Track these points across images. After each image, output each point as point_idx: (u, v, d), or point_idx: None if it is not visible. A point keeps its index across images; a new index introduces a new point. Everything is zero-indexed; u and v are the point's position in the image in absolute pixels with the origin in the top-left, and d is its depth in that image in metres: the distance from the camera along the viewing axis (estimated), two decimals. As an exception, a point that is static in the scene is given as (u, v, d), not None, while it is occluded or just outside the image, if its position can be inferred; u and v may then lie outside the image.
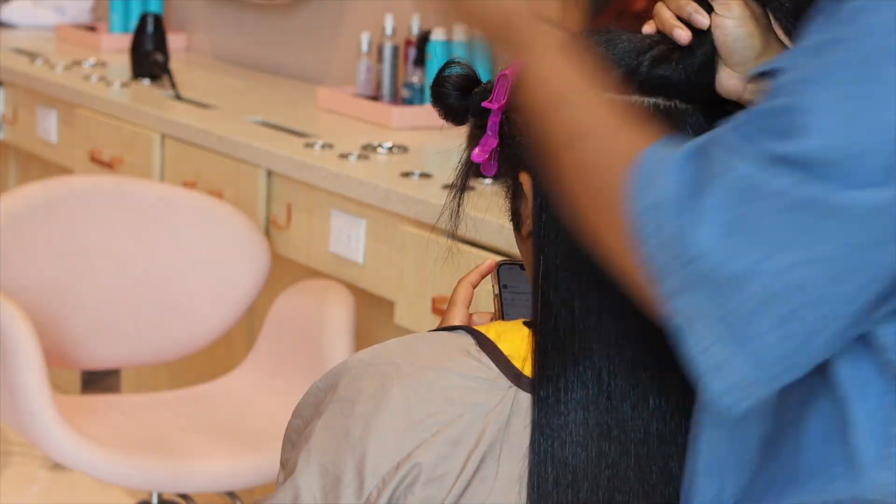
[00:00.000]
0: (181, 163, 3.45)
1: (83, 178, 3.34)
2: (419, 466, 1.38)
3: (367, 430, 1.39)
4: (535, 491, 1.38)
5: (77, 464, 2.70)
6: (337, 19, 4.03)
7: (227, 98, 3.81)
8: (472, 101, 1.50)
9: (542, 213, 1.42)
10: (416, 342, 1.47)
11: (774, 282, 1.12)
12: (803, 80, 1.14)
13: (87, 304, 3.08)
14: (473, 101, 1.50)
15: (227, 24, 4.49)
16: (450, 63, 1.52)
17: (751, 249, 1.13)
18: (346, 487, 1.39)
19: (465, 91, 1.51)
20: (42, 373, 2.69)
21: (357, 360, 1.46)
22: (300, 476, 1.42)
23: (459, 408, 1.40)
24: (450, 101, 1.51)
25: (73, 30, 4.78)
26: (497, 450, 1.40)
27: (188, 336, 3.14)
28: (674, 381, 1.39)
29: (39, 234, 3.05)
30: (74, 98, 3.88)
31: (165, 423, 2.94)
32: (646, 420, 1.39)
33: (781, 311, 1.13)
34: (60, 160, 4.00)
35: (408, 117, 3.41)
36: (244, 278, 3.09)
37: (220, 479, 2.78)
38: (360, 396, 1.42)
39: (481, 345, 1.43)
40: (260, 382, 3.06)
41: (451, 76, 1.51)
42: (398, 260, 2.74)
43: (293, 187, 3.08)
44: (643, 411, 1.39)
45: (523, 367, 1.42)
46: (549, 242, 1.41)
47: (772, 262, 1.12)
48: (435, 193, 2.69)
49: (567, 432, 1.39)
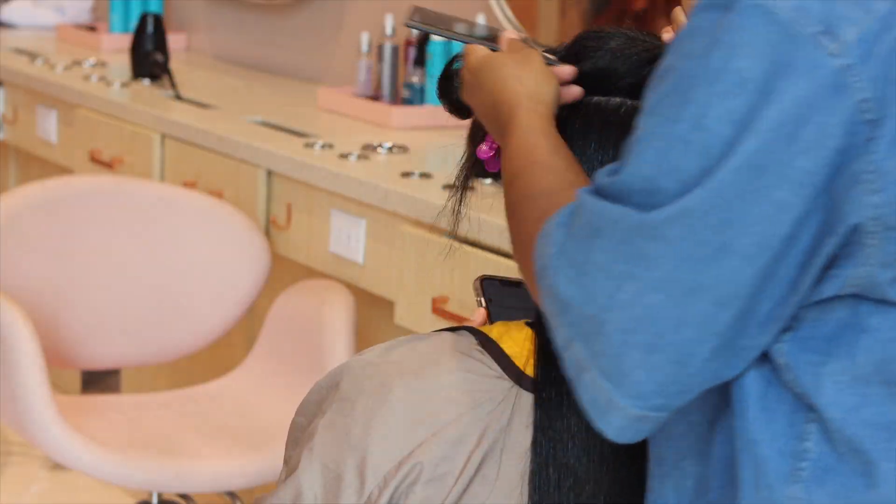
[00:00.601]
0: (181, 163, 3.45)
1: (83, 178, 3.34)
2: (420, 466, 1.38)
3: (369, 430, 1.40)
4: (537, 492, 1.38)
5: (77, 464, 2.70)
6: (337, 19, 4.03)
7: (227, 98, 3.80)
8: None
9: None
10: (418, 342, 1.47)
11: (627, 314, 1.16)
12: (642, 112, 1.20)
13: (87, 304, 3.08)
14: None
15: (227, 24, 4.49)
16: (457, 57, 1.52)
17: (600, 287, 1.17)
18: (348, 486, 1.39)
19: None
20: (42, 373, 2.69)
21: (359, 360, 1.46)
22: (302, 474, 1.42)
23: (461, 407, 1.40)
24: (456, 95, 1.51)
25: (73, 30, 4.78)
26: (498, 450, 1.39)
27: (188, 336, 3.14)
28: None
29: (39, 234, 3.05)
30: (74, 98, 3.88)
31: (165, 423, 2.94)
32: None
33: (643, 341, 1.16)
34: (60, 160, 4.00)
35: (408, 117, 3.41)
36: (244, 278, 3.09)
37: (221, 479, 2.78)
38: (362, 396, 1.42)
39: (483, 344, 1.43)
40: (260, 382, 3.05)
41: (459, 70, 1.51)
42: (398, 260, 2.74)
43: (293, 187, 3.08)
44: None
45: (525, 367, 1.42)
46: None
47: (619, 296, 1.16)
48: (435, 193, 2.69)
49: (570, 434, 1.39)
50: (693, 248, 1.14)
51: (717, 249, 1.14)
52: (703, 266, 1.14)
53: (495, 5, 3.45)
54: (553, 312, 1.21)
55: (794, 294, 1.17)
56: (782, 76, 1.13)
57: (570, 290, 1.19)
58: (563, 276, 1.19)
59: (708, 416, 1.26)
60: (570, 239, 1.20)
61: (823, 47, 1.13)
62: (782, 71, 1.13)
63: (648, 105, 1.19)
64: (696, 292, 1.15)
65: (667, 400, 1.18)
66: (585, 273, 1.18)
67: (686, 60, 1.17)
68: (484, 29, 1.54)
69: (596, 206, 1.19)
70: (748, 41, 1.14)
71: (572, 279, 1.19)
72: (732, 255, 1.14)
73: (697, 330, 1.15)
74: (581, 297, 1.18)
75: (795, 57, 1.13)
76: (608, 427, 1.19)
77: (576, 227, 1.20)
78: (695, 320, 1.15)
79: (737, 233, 1.14)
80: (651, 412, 1.18)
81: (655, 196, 1.16)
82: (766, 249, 1.14)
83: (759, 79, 1.13)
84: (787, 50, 1.13)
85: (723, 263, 1.14)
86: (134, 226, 3.11)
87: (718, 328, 1.16)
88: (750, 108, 1.13)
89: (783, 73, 1.13)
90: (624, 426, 1.19)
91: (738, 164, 1.13)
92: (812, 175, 1.13)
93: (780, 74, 1.13)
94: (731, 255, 1.14)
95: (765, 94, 1.13)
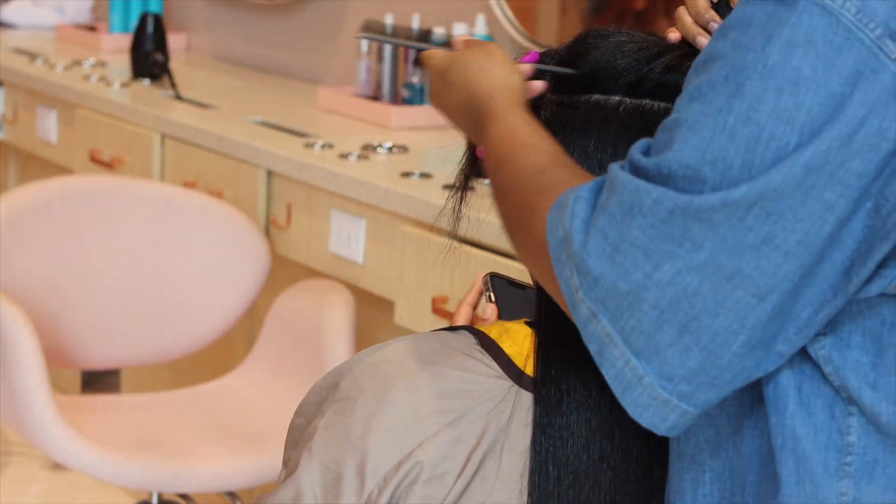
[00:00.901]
0: (181, 163, 3.45)
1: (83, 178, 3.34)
2: (420, 465, 1.38)
3: (369, 429, 1.40)
4: (537, 490, 1.38)
5: (77, 464, 2.70)
6: (337, 19, 4.03)
7: (227, 98, 3.81)
8: None
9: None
10: (418, 341, 1.47)
11: (665, 292, 1.16)
12: (685, 95, 1.19)
13: (87, 304, 3.08)
14: None
15: (227, 24, 4.49)
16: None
17: (637, 265, 1.17)
18: (348, 486, 1.39)
19: None
20: (42, 373, 2.69)
21: (359, 360, 1.46)
22: (302, 474, 1.42)
23: (461, 407, 1.40)
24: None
25: (73, 30, 4.78)
26: (498, 449, 1.40)
27: (188, 336, 3.14)
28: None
29: (39, 234, 3.05)
30: (74, 98, 3.88)
31: (165, 423, 2.94)
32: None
33: (678, 321, 1.16)
34: (60, 160, 4.00)
35: (408, 117, 3.41)
36: (244, 278, 3.09)
37: (220, 479, 2.78)
38: (362, 395, 1.42)
39: (483, 344, 1.43)
40: (260, 382, 3.05)
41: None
42: (398, 260, 2.74)
43: (293, 187, 3.08)
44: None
45: (525, 367, 1.42)
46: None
47: (657, 274, 1.16)
48: (435, 193, 2.69)
49: (569, 433, 1.39)
50: (737, 236, 1.14)
51: (761, 240, 1.14)
52: (745, 254, 1.15)
53: (495, 5, 3.45)
54: (574, 285, 1.20)
55: (837, 299, 1.17)
56: (842, 79, 1.13)
57: (602, 264, 1.18)
58: (593, 251, 1.19)
59: (728, 410, 1.26)
60: (602, 214, 1.19)
61: (886, 51, 1.13)
62: (842, 73, 1.13)
63: (694, 90, 1.18)
64: (735, 279, 1.15)
65: (693, 389, 1.17)
66: (620, 250, 1.17)
67: (739, 51, 1.16)
68: (434, 35, 1.56)
69: (634, 184, 1.18)
70: (808, 40, 1.13)
71: (605, 254, 1.18)
72: (776, 248, 1.14)
73: (733, 319, 1.15)
74: (615, 273, 1.18)
75: (856, 60, 1.13)
76: (631, 403, 1.19)
77: (610, 203, 1.19)
78: (732, 308, 1.15)
79: (782, 228, 1.14)
80: (675, 399, 1.18)
81: (697, 184, 1.16)
82: (808, 248, 1.14)
83: (817, 80, 1.13)
84: (849, 53, 1.13)
85: (765, 255, 1.14)
86: (134, 226, 3.11)
87: (754, 321, 1.16)
88: (807, 108, 1.13)
89: (842, 76, 1.13)
90: (646, 404, 1.19)
91: (792, 162, 1.13)
92: (861, 178, 1.13)
93: (840, 77, 1.13)
94: (774, 249, 1.14)
95: (823, 96, 1.13)
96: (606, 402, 1.39)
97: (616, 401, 1.21)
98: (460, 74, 1.43)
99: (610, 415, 1.39)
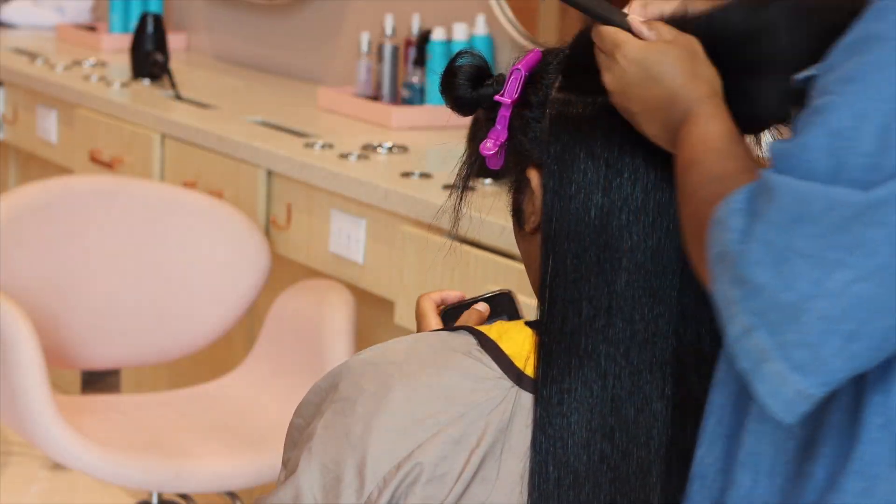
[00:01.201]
0: (181, 163, 3.45)
1: (83, 178, 3.34)
2: (420, 466, 1.38)
3: (368, 430, 1.39)
4: (537, 490, 1.38)
5: (77, 464, 2.70)
6: (337, 19, 4.02)
7: (227, 98, 3.80)
8: (484, 92, 1.49)
9: (553, 213, 1.41)
10: (418, 342, 1.46)
11: (834, 302, 1.11)
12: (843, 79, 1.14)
13: (87, 304, 3.08)
14: (485, 92, 1.49)
15: (227, 24, 4.49)
16: (461, 53, 1.51)
17: (805, 275, 1.12)
18: (347, 487, 1.39)
19: (476, 82, 1.50)
20: (42, 373, 2.69)
21: (358, 360, 1.46)
22: (301, 475, 1.42)
23: (461, 407, 1.40)
24: (460, 91, 1.50)
25: (73, 30, 4.78)
26: (498, 449, 1.39)
27: (188, 336, 3.14)
28: (678, 385, 1.39)
29: (39, 234, 3.05)
30: (74, 98, 3.88)
31: (165, 423, 2.94)
32: (649, 423, 1.39)
33: (846, 330, 1.12)
34: (60, 160, 4.00)
35: (408, 117, 3.41)
36: (244, 278, 3.09)
37: (220, 479, 2.78)
38: (362, 396, 1.42)
39: (483, 344, 1.43)
40: (260, 382, 3.05)
41: (463, 66, 1.49)
42: (398, 260, 2.74)
43: (293, 187, 3.08)
44: (646, 415, 1.39)
45: (525, 367, 1.41)
46: (560, 242, 1.40)
47: (828, 284, 1.11)
48: (435, 193, 2.69)
49: (569, 433, 1.39)
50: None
51: None
52: None
53: (495, 5, 3.45)
54: (733, 299, 1.16)
55: None
56: None
57: (765, 275, 1.13)
58: (754, 262, 1.14)
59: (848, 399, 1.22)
60: (762, 223, 1.14)
61: None
62: None
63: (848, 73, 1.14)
64: None
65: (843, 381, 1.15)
66: (785, 259, 1.13)
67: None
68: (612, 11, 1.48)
69: (799, 190, 1.13)
70: None
71: (768, 265, 1.13)
72: None
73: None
74: (779, 284, 1.13)
75: None
76: (793, 417, 1.15)
77: (770, 210, 1.14)
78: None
79: None
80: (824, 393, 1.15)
81: (875, 173, 1.11)
82: None
83: None
84: None
85: None
86: (134, 226, 3.11)
87: None
88: None
89: None
90: (806, 411, 1.15)
91: None
92: None
93: None
94: None
95: None
96: (607, 404, 1.38)
97: (616, 401, 1.20)
98: (668, 72, 1.36)
99: (610, 415, 1.38)
